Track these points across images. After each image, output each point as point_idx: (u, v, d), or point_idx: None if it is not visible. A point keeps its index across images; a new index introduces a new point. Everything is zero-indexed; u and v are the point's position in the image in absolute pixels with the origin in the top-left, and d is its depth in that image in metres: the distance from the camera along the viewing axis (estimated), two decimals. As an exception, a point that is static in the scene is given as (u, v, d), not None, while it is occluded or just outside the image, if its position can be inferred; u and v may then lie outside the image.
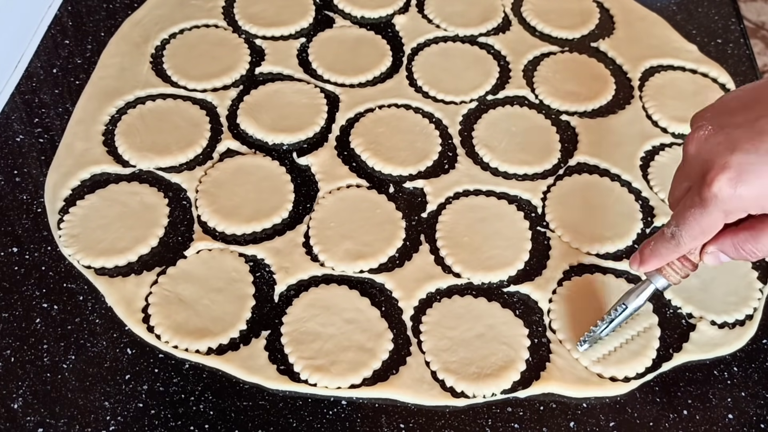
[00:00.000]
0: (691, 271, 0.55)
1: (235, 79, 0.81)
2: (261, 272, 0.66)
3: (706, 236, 0.51)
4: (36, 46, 0.82)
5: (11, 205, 0.69)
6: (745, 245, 0.51)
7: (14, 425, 0.56)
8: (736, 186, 0.47)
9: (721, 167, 0.47)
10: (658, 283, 0.56)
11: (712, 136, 0.49)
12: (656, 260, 0.55)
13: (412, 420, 0.57)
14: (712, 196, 0.48)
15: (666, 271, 0.55)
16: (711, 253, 0.53)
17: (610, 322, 0.59)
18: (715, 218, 0.50)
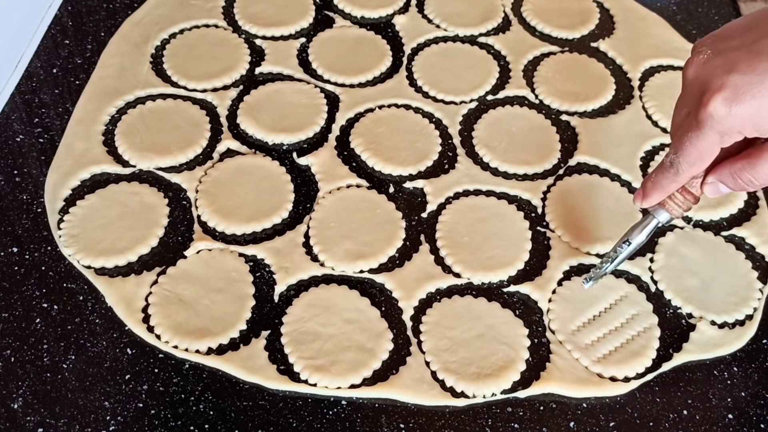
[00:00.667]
0: (692, 204, 0.55)
1: (235, 79, 0.81)
2: (261, 272, 0.66)
3: (703, 161, 0.51)
4: (36, 46, 0.82)
5: (11, 205, 0.69)
6: (743, 174, 0.51)
7: (14, 425, 0.56)
8: (731, 105, 0.47)
9: (717, 88, 0.48)
10: (661, 217, 0.56)
11: (711, 60, 0.49)
12: (658, 192, 0.55)
13: (412, 420, 0.57)
14: (707, 116, 0.48)
15: (668, 204, 0.56)
16: (711, 184, 0.53)
17: (614, 258, 0.59)
18: (711, 140, 0.50)
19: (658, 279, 0.66)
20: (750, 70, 0.47)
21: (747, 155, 0.51)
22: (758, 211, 0.72)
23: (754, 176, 0.51)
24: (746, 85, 0.47)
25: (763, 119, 0.47)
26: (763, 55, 0.47)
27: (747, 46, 0.48)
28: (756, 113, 0.47)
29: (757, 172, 0.51)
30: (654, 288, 0.66)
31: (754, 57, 0.47)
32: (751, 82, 0.47)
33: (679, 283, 0.66)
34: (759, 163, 0.51)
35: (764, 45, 0.47)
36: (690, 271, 0.67)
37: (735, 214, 0.71)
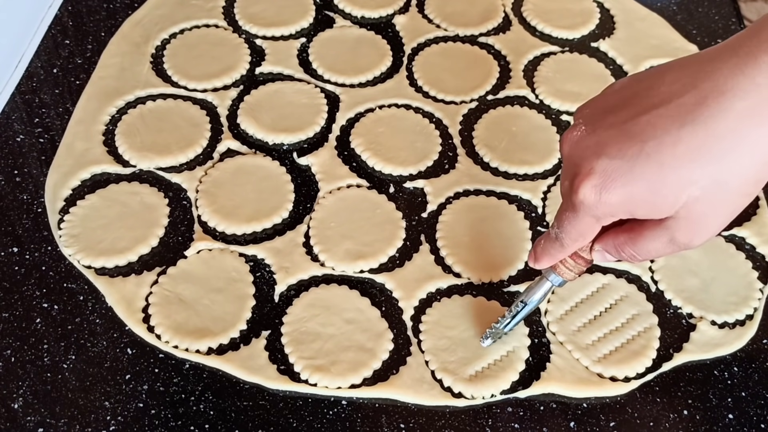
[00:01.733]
0: (585, 267, 0.54)
1: (235, 79, 0.81)
2: (261, 272, 0.66)
3: (585, 239, 0.50)
4: (36, 46, 0.82)
5: (11, 205, 0.69)
6: (625, 248, 0.50)
7: (14, 425, 0.56)
8: (600, 193, 0.45)
9: (586, 173, 0.45)
10: (554, 280, 0.56)
11: (584, 138, 0.47)
12: (547, 258, 0.53)
13: (412, 420, 0.57)
14: (579, 202, 0.46)
15: (560, 268, 0.55)
16: (598, 251, 0.52)
17: (512, 317, 0.58)
18: (587, 223, 0.48)
19: (658, 279, 0.66)
20: (620, 155, 0.44)
21: (629, 229, 0.49)
22: (758, 211, 0.72)
23: (636, 251, 0.49)
24: (615, 171, 0.44)
25: (636, 206, 0.45)
26: (634, 138, 0.44)
27: (620, 125, 0.45)
28: (628, 200, 0.45)
29: (638, 248, 0.49)
30: (654, 288, 0.66)
31: (625, 139, 0.45)
32: (620, 169, 0.44)
33: (680, 283, 0.66)
34: (639, 240, 0.48)
35: (637, 125, 0.45)
36: (690, 271, 0.67)
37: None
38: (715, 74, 0.43)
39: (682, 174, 0.43)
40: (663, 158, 0.43)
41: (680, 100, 0.44)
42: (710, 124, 0.42)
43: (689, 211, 0.45)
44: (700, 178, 0.43)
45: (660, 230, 0.47)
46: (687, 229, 0.46)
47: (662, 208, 0.45)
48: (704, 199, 0.44)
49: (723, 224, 0.46)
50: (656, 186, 0.44)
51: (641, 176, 0.44)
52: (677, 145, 0.43)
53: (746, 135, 0.42)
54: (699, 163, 0.43)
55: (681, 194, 0.44)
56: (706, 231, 0.46)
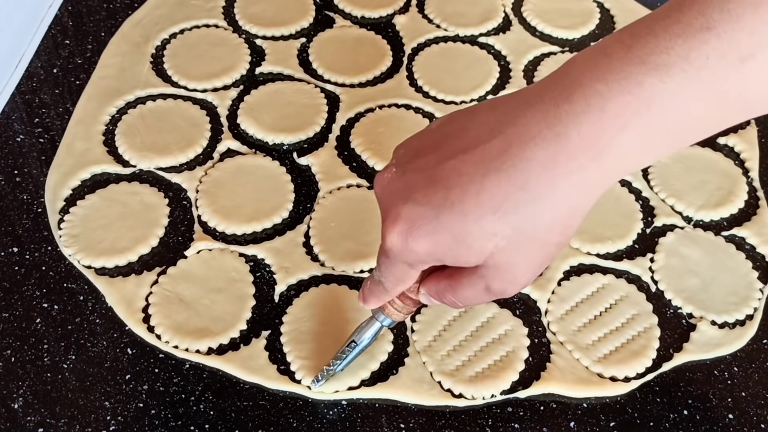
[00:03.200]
0: (414, 308, 0.53)
1: (235, 79, 0.81)
2: (261, 272, 0.66)
3: (405, 283, 0.49)
4: (36, 46, 0.82)
5: (11, 205, 0.69)
6: (446, 295, 0.48)
7: (14, 425, 0.56)
8: (406, 240, 0.44)
9: (393, 219, 0.44)
10: (384, 321, 0.54)
11: (393, 181, 0.46)
12: (374, 300, 0.52)
13: (412, 420, 0.57)
14: (387, 248, 0.45)
15: (388, 309, 0.53)
16: (423, 295, 0.50)
17: (343, 359, 0.57)
18: (400, 269, 0.47)
19: (658, 279, 0.66)
20: (425, 201, 0.43)
21: (449, 276, 0.48)
22: (758, 211, 0.72)
23: (456, 298, 0.48)
24: (420, 219, 0.43)
25: (443, 254, 0.44)
26: (439, 184, 0.43)
27: (429, 169, 0.44)
28: (434, 249, 0.44)
29: (458, 295, 0.48)
30: (654, 288, 0.66)
31: (431, 185, 0.43)
32: (425, 216, 0.43)
33: (680, 283, 0.66)
34: (458, 288, 0.47)
35: (443, 170, 0.43)
36: (690, 271, 0.67)
37: (735, 214, 0.71)
38: (520, 121, 0.42)
39: (485, 225, 0.42)
40: (467, 208, 0.42)
41: (485, 147, 0.42)
42: (512, 174, 0.41)
43: (497, 261, 0.44)
44: (503, 229, 0.42)
45: (475, 278, 0.46)
46: (499, 278, 0.45)
47: (468, 257, 0.44)
48: (510, 249, 0.43)
49: (536, 272, 0.45)
50: (461, 236, 0.43)
51: (446, 225, 0.43)
52: (480, 195, 0.42)
53: (549, 187, 0.41)
54: (501, 214, 0.42)
55: (486, 244, 0.43)
56: (518, 280, 0.45)
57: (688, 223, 0.71)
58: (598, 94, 0.40)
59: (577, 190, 0.42)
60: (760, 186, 0.74)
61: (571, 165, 0.41)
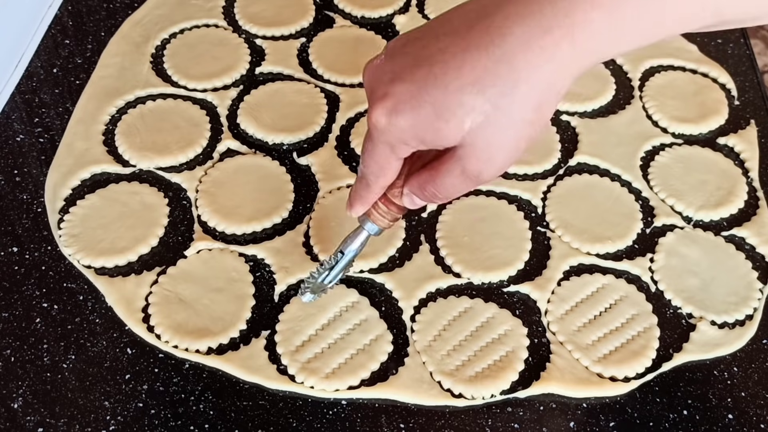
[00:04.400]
0: (399, 214, 0.54)
1: (235, 79, 0.81)
2: (261, 272, 0.66)
3: (385, 173, 0.50)
4: (36, 46, 0.82)
5: (11, 205, 0.69)
6: (427, 186, 0.50)
7: (14, 425, 0.56)
8: (391, 116, 0.45)
9: (379, 97, 0.46)
10: (370, 228, 0.55)
11: (382, 65, 0.47)
12: (359, 203, 0.54)
13: (412, 420, 0.57)
14: (372, 127, 0.47)
15: (373, 215, 0.54)
16: (406, 195, 0.52)
17: (330, 268, 0.57)
18: (382, 151, 0.48)
19: (658, 279, 0.66)
20: (410, 78, 0.45)
21: (430, 167, 0.49)
22: (758, 211, 0.72)
23: (437, 189, 0.49)
24: (405, 94, 0.45)
25: (424, 131, 0.45)
26: (423, 61, 0.45)
27: (416, 52, 0.46)
28: (415, 124, 0.45)
29: (437, 185, 0.49)
30: (654, 288, 0.66)
31: (417, 64, 0.45)
32: (408, 91, 0.45)
33: (679, 283, 0.66)
34: (439, 176, 0.49)
35: (428, 50, 0.45)
36: (690, 271, 0.67)
37: (735, 214, 0.71)
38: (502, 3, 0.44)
39: (465, 99, 0.43)
40: (448, 81, 0.44)
41: (470, 28, 0.44)
42: (491, 49, 0.43)
43: (474, 138, 0.45)
44: (482, 103, 0.43)
45: (452, 162, 0.47)
46: (475, 157, 0.46)
47: (447, 133, 0.45)
48: (487, 124, 0.44)
49: (510, 155, 0.46)
50: (441, 109, 0.44)
51: (427, 99, 0.44)
52: (461, 69, 0.43)
53: (523, 61, 0.43)
54: (480, 88, 0.43)
55: (465, 118, 0.44)
56: (493, 160, 0.46)
57: (688, 223, 0.71)
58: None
59: (551, 66, 0.43)
60: (759, 186, 0.74)
61: (546, 40, 0.42)
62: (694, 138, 0.78)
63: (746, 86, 0.82)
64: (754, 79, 0.83)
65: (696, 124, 0.78)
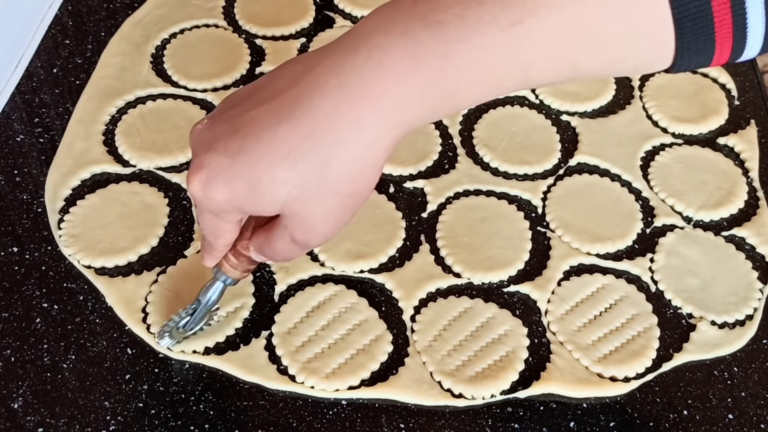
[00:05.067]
0: (251, 266, 0.53)
1: (235, 79, 0.80)
2: (261, 272, 0.65)
3: (221, 235, 0.50)
4: (36, 46, 0.82)
5: (11, 205, 0.69)
6: (264, 248, 0.50)
7: (14, 425, 0.56)
8: (205, 188, 0.45)
9: (196, 167, 0.45)
10: (223, 279, 0.55)
11: (203, 131, 0.46)
12: (208, 256, 0.53)
13: (412, 420, 0.57)
14: (192, 196, 0.46)
15: (224, 266, 0.54)
16: (253, 251, 0.52)
17: (188, 315, 0.58)
18: (210, 218, 0.48)
19: (658, 279, 0.66)
20: (224, 150, 0.44)
21: (266, 228, 0.49)
22: (758, 211, 0.72)
23: (274, 252, 0.49)
24: (218, 167, 0.44)
25: (241, 203, 0.45)
26: (238, 133, 0.44)
27: (232, 119, 0.45)
28: (231, 197, 0.44)
29: (272, 247, 0.49)
30: (654, 288, 0.66)
31: (232, 134, 0.44)
32: (222, 164, 0.44)
33: (679, 283, 0.66)
34: (272, 240, 0.48)
35: (243, 120, 0.44)
36: (690, 271, 0.67)
37: (735, 214, 0.71)
38: (315, 71, 0.43)
39: (276, 173, 0.43)
40: (258, 155, 0.43)
41: (282, 96, 0.43)
42: (301, 123, 0.42)
43: (293, 210, 0.45)
44: (293, 177, 0.43)
45: (281, 230, 0.47)
46: (299, 227, 0.46)
47: (264, 206, 0.45)
48: (303, 197, 0.44)
49: (334, 225, 0.46)
50: (253, 183, 0.43)
51: (240, 173, 0.43)
52: (272, 142, 0.43)
53: (331, 135, 0.42)
54: (291, 161, 0.43)
55: (278, 192, 0.43)
56: (317, 230, 0.46)
57: (688, 223, 0.71)
58: (378, 47, 0.41)
59: (360, 139, 0.42)
60: (760, 186, 0.73)
61: (351, 115, 0.42)
62: (694, 138, 0.78)
63: (746, 86, 0.82)
64: (754, 79, 0.83)
65: (696, 124, 0.78)
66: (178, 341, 0.59)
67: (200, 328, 0.59)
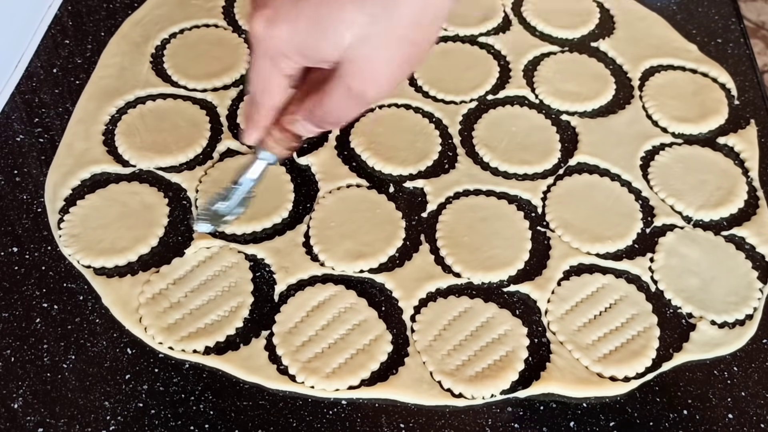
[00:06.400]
0: (295, 143, 0.53)
1: (235, 79, 0.81)
2: (261, 272, 0.66)
3: (270, 89, 0.49)
4: (36, 46, 0.82)
5: (11, 205, 0.69)
6: (315, 111, 0.49)
7: (14, 425, 0.56)
8: (268, 26, 0.45)
9: (260, 4, 0.46)
10: (264, 156, 0.54)
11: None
12: (252, 126, 0.52)
13: (412, 420, 0.57)
14: (252, 37, 0.47)
15: (267, 143, 0.53)
16: (297, 122, 0.51)
17: (225, 198, 0.56)
18: (264, 65, 0.48)
19: (658, 279, 0.66)
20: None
21: (318, 90, 0.49)
22: (758, 211, 0.72)
23: (325, 112, 0.49)
24: (285, 5, 0.45)
25: (303, 43, 0.45)
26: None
27: None
28: (294, 36, 0.45)
29: (325, 107, 0.48)
30: (654, 288, 0.66)
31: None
32: (289, 2, 0.45)
33: (679, 283, 0.66)
34: (326, 97, 0.48)
35: None
36: (690, 271, 0.67)
37: (735, 213, 0.71)
38: None
39: (343, 13, 0.44)
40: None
41: None
42: None
43: (355, 53, 0.45)
44: (361, 18, 0.43)
45: (336, 81, 0.46)
46: (358, 74, 0.46)
47: (326, 47, 0.45)
48: (367, 40, 0.44)
49: (393, 74, 0.46)
50: (319, 22, 0.44)
51: (306, 11, 0.44)
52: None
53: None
54: (360, 4, 0.43)
55: (344, 33, 0.44)
56: (377, 77, 0.46)
57: (687, 222, 0.71)
58: None
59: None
60: (759, 186, 0.74)
61: None
62: (694, 138, 0.78)
63: (746, 86, 0.82)
64: (754, 78, 0.83)
65: (696, 123, 0.78)
66: (216, 226, 0.56)
67: (238, 212, 0.57)
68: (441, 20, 0.45)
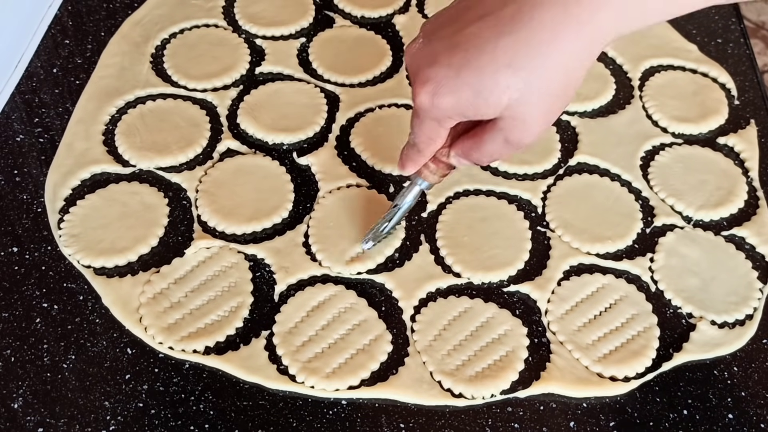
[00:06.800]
0: (447, 172, 0.59)
1: (235, 79, 0.81)
2: (261, 272, 0.66)
3: (435, 142, 0.55)
4: (36, 46, 0.82)
5: (11, 205, 0.69)
6: (471, 152, 0.55)
7: (14, 425, 0.56)
8: (433, 98, 0.50)
9: (421, 81, 0.51)
10: (421, 184, 0.61)
11: (421, 49, 0.52)
12: (410, 164, 0.58)
13: (412, 420, 0.57)
14: (418, 107, 0.52)
15: (424, 172, 0.60)
16: (453, 157, 0.57)
17: (389, 220, 0.65)
18: (430, 126, 0.53)
19: (658, 279, 0.66)
20: (448, 63, 0.50)
21: (473, 135, 0.54)
22: (758, 211, 0.72)
23: (481, 155, 0.55)
24: (444, 78, 0.50)
25: (466, 108, 0.50)
26: (459, 47, 0.49)
27: (450, 37, 0.50)
28: (457, 104, 0.50)
29: (482, 152, 0.54)
30: (654, 288, 0.66)
31: (452, 49, 0.50)
32: (447, 76, 0.50)
33: (679, 283, 0.66)
34: (483, 144, 0.54)
35: (463, 36, 0.49)
36: (690, 271, 0.67)
37: (735, 214, 0.71)
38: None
39: (499, 79, 0.48)
40: (483, 64, 0.49)
41: (500, 13, 0.49)
42: (522, 34, 0.48)
43: (513, 111, 0.50)
44: (515, 82, 0.48)
45: (495, 132, 0.52)
46: (515, 128, 0.51)
47: (486, 109, 0.50)
48: (523, 99, 0.49)
49: (546, 123, 0.52)
50: (479, 90, 0.49)
51: (466, 81, 0.49)
52: (495, 53, 0.48)
53: (551, 42, 0.48)
54: (513, 69, 0.48)
55: (502, 96, 0.49)
56: (532, 129, 0.51)
57: (687, 222, 0.71)
58: None
59: (576, 46, 0.48)
60: (759, 186, 0.74)
61: (571, 24, 0.47)
62: (694, 138, 0.78)
63: (746, 86, 0.82)
64: (754, 78, 0.83)
65: (696, 123, 0.78)
66: (377, 242, 0.66)
67: (393, 228, 0.66)
68: (585, 71, 0.50)
